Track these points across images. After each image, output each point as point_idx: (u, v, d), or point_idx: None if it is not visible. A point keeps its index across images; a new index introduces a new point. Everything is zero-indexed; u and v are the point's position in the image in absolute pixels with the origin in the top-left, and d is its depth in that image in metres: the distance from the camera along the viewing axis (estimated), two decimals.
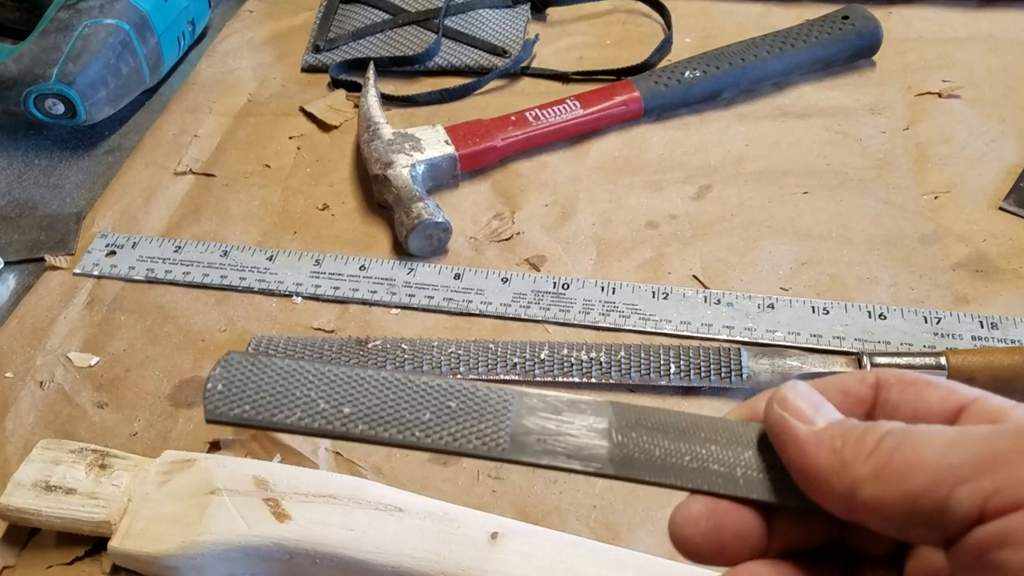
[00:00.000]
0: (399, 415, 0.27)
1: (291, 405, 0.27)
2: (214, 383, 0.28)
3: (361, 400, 0.28)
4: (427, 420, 0.27)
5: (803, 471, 0.25)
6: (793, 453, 0.25)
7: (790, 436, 0.25)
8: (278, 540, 0.40)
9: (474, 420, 0.27)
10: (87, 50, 0.65)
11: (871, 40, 0.71)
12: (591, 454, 0.27)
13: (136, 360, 0.53)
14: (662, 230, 0.60)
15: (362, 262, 0.59)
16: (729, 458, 0.27)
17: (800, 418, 0.25)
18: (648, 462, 0.27)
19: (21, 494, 0.43)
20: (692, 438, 0.27)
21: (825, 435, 0.24)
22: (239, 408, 0.27)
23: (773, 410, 0.26)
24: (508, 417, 0.27)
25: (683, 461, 0.27)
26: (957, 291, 0.55)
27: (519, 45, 0.75)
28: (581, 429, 0.27)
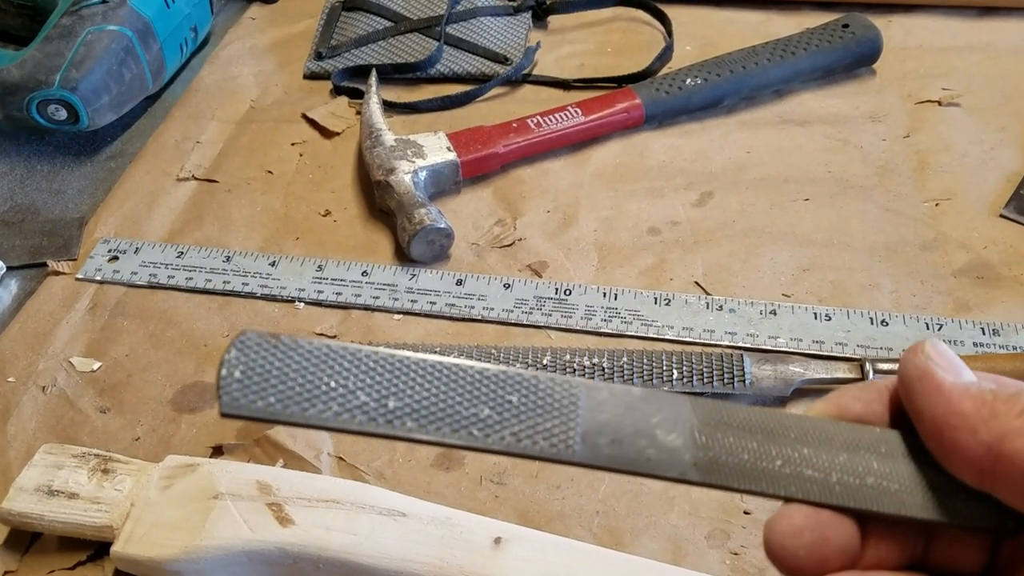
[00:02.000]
0: (453, 410, 0.24)
1: (324, 397, 0.23)
2: (230, 369, 0.23)
3: (407, 392, 0.24)
4: (486, 417, 0.24)
5: (945, 418, 0.23)
6: (935, 400, 0.24)
7: (934, 383, 0.24)
8: (281, 545, 0.40)
9: (539, 417, 0.24)
10: (90, 56, 0.65)
11: (871, 48, 0.71)
12: (672, 458, 0.24)
13: (138, 365, 0.53)
14: (664, 236, 0.60)
15: (364, 268, 0.59)
16: (823, 462, 0.25)
17: (946, 369, 0.24)
18: (736, 467, 0.24)
19: (23, 499, 0.43)
20: (781, 439, 0.25)
21: (973, 387, 0.23)
22: (262, 400, 0.23)
23: (916, 358, 0.25)
24: (577, 414, 0.24)
25: (775, 465, 0.25)
26: (958, 298, 0.55)
27: (520, 52, 0.75)
28: (658, 428, 0.24)
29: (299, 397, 0.23)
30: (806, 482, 0.24)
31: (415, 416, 0.24)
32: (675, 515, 0.45)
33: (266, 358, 0.23)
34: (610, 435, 0.24)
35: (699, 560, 0.43)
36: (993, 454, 0.22)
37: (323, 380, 0.23)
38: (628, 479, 0.47)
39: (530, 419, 0.24)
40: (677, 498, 0.46)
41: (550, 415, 0.24)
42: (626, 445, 0.24)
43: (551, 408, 0.24)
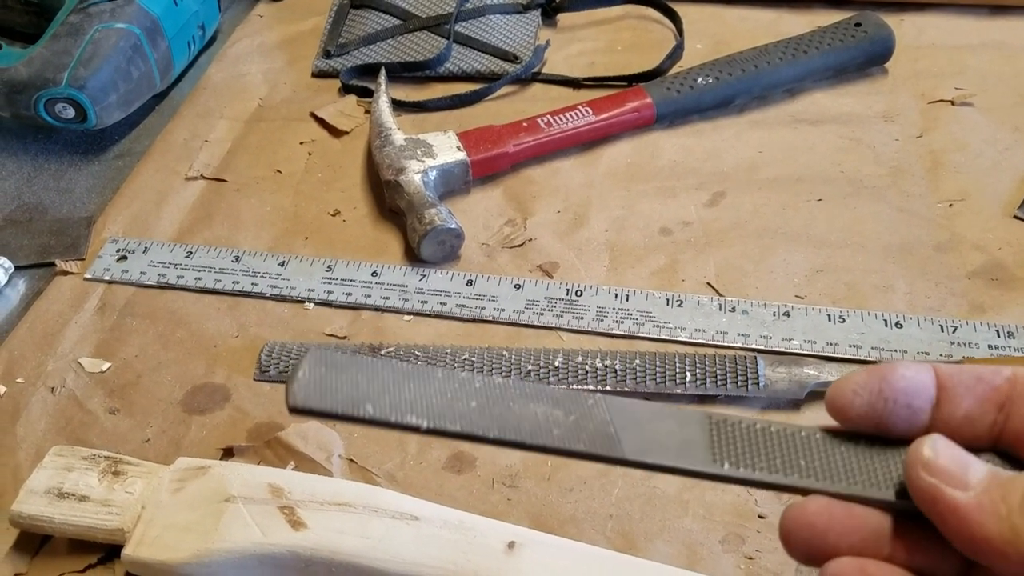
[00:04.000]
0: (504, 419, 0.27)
1: (379, 401, 0.26)
2: (304, 371, 0.27)
3: (455, 401, 0.27)
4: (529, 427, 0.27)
5: (971, 543, 0.23)
6: (955, 524, 0.23)
7: (947, 506, 0.23)
8: (293, 548, 0.40)
9: (582, 424, 0.27)
10: (98, 54, 0.65)
11: (884, 47, 0.71)
12: (698, 454, 0.27)
13: (148, 366, 0.53)
14: (675, 237, 0.60)
15: (374, 268, 0.58)
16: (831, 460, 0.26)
17: (952, 483, 0.24)
18: (757, 460, 0.27)
19: (33, 501, 0.43)
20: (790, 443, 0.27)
21: (985, 500, 0.23)
22: (330, 399, 0.26)
23: (920, 477, 0.24)
24: (609, 422, 0.27)
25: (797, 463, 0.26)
26: (973, 299, 0.55)
27: (530, 51, 0.75)
28: (677, 433, 0.27)
29: (359, 396, 0.26)
30: (831, 476, 0.26)
31: (466, 418, 0.27)
32: (689, 519, 0.45)
33: (331, 366, 0.27)
34: (638, 438, 0.27)
35: (714, 564, 0.43)
36: None
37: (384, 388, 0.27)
38: (641, 483, 0.46)
39: (575, 427, 0.27)
40: (691, 502, 0.45)
41: (590, 423, 0.27)
42: (656, 445, 0.27)
43: (589, 418, 0.27)
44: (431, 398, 0.27)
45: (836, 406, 0.26)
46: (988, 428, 0.26)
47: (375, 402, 0.26)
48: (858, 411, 0.26)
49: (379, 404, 0.26)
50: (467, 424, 0.26)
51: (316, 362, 0.27)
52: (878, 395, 0.26)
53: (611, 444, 0.27)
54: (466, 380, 0.27)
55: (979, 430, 0.26)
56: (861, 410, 0.26)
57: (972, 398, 0.26)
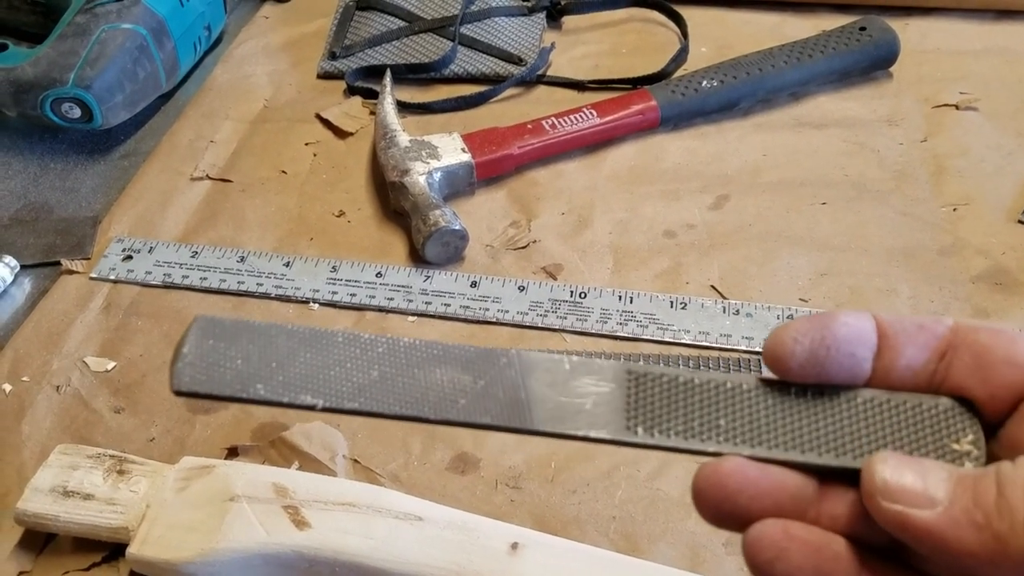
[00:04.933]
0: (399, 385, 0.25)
1: (270, 378, 0.25)
2: (189, 346, 0.25)
3: (354, 371, 0.25)
4: (433, 398, 0.25)
5: (957, 560, 0.21)
6: (932, 546, 0.22)
7: (919, 530, 0.22)
8: (298, 548, 0.40)
9: (491, 392, 0.25)
10: (104, 55, 0.65)
11: (888, 51, 0.71)
12: (612, 421, 0.25)
13: (153, 365, 0.53)
14: (679, 239, 0.60)
15: (379, 269, 0.59)
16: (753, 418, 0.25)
17: (917, 503, 0.22)
18: (673, 424, 0.25)
19: (38, 499, 0.43)
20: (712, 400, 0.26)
21: (957, 512, 0.21)
22: (217, 379, 0.25)
23: (882, 507, 0.22)
24: (520, 386, 0.25)
25: (716, 424, 0.25)
26: (976, 304, 0.55)
27: (535, 53, 0.75)
28: (592, 395, 0.25)
29: (249, 374, 0.25)
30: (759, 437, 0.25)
31: (364, 395, 0.25)
32: (692, 521, 0.45)
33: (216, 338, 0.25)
34: (550, 402, 0.25)
35: (717, 567, 0.43)
36: None
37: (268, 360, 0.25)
38: (644, 485, 0.46)
39: (485, 394, 0.25)
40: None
41: (499, 387, 0.25)
42: (566, 410, 0.25)
43: (498, 380, 0.25)
44: (329, 369, 0.25)
45: (775, 355, 0.25)
46: (929, 377, 0.25)
47: (266, 380, 0.25)
48: (799, 360, 0.24)
49: (271, 382, 0.25)
50: (366, 400, 0.25)
51: (202, 334, 0.25)
52: (820, 343, 0.24)
53: (520, 413, 0.25)
54: (368, 344, 0.26)
55: (920, 379, 0.25)
56: (802, 358, 0.24)
57: (914, 347, 0.25)
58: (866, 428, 0.25)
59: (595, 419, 0.25)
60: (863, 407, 0.25)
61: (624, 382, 0.26)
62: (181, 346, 0.25)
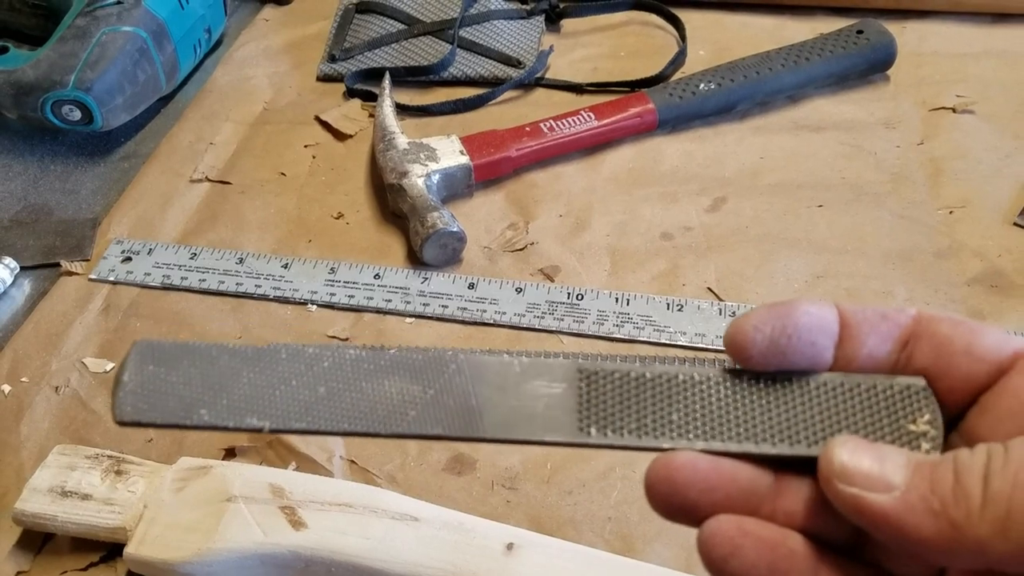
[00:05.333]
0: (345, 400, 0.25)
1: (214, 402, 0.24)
2: (129, 373, 0.24)
3: (301, 388, 0.25)
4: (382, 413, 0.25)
5: (911, 546, 0.21)
6: (887, 531, 0.21)
7: (875, 514, 0.21)
8: (294, 548, 0.40)
9: (440, 400, 0.25)
10: (104, 57, 0.65)
11: (886, 54, 0.71)
12: (565, 424, 0.25)
13: None
14: (677, 242, 0.60)
15: (377, 271, 0.59)
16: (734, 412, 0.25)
17: (873, 487, 0.22)
18: (627, 423, 0.25)
19: (37, 499, 0.43)
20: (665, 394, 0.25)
21: (914, 498, 0.21)
22: (160, 407, 0.24)
23: (839, 490, 0.22)
24: (471, 393, 0.25)
25: (669, 419, 0.25)
26: (973, 306, 0.55)
27: (533, 56, 0.75)
28: (544, 397, 0.25)
29: (192, 399, 0.24)
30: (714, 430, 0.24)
31: (311, 415, 0.24)
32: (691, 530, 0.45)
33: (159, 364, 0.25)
34: (501, 408, 0.25)
35: None
36: (982, 563, 0.20)
37: (210, 384, 0.25)
38: (640, 486, 0.46)
39: (435, 403, 0.25)
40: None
41: (450, 397, 0.25)
42: (519, 415, 0.25)
43: (448, 390, 0.25)
44: (274, 389, 0.25)
45: (736, 343, 0.24)
46: (891, 367, 0.25)
47: (210, 404, 0.24)
48: (759, 348, 0.24)
49: (215, 406, 0.24)
50: (313, 420, 0.24)
51: (142, 359, 0.24)
52: (780, 331, 0.24)
53: (471, 421, 0.25)
54: (313, 359, 0.25)
55: (882, 368, 0.25)
56: (762, 346, 0.24)
57: (876, 336, 0.25)
58: (821, 414, 0.25)
59: (548, 423, 0.25)
60: (818, 392, 0.25)
61: (575, 381, 0.25)
62: (121, 374, 0.24)
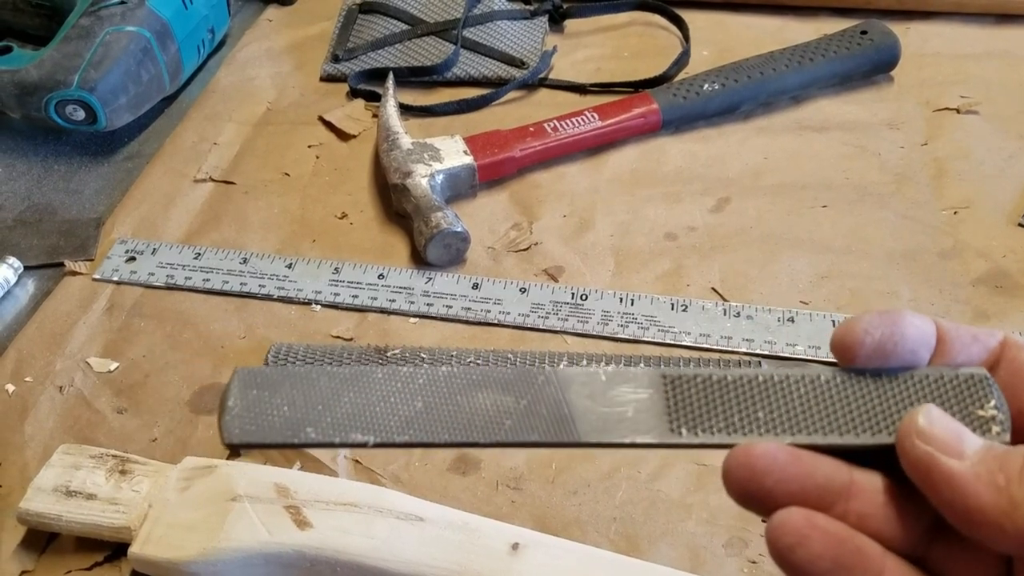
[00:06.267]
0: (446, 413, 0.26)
1: (319, 421, 0.25)
2: (234, 399, 0.26)
3: (399, 405, 0.26)
4: (480, 423, 0.26)
5: (965, 513, 0.22)
6: (949, 494, 0.23)
7: (942, 475, 0.23)
8: (299, 548, 0.40)
9: (534, 410, 0.26)
10: (108, 57, 0.65)
11: (889, 55, 0.71)
12: (654, 425, 0.26)
13: (156, 366, 0.53)
14: (680, 242, 0.60)
15: (381, 271, 0.59)
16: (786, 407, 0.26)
17: (947, 451, 0.23)
18: (714, 422, 0.26)
19: (41, 499, 0.43)
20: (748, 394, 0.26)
21: (982, 470, 0.22)
22: (267, 429, 0.25)
23: (915, 446, 0.24)
24: (562, 401, 0.26)
25: (755, 416, 0.26)
26: (977, 307, 0.55)
27: (537, 57, 0.75)
28: (632, 403, 0.26)
29: (298, 420, 0.25)
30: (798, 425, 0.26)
31: (415, 427, 0.26)
32: (692, 523, 0.45)
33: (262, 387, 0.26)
34: (591, 413, 0.26)
35: (717, 568, 0.43)
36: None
37: (314, 403, 0.26)
38: (644, 487, 0.46)
39: (527, 414, 0.26)
40: (695, 505, 0.45)
41: (542, 405, 0.26)
42: (610, 420, 0.26)
43: (540, 399, 0.26)
44: (374, 406, 0.26)
45: (845, 343, 0.26)
46: None
47: (316, 423, 0.25)
48: (866, 350, 0.26)
49: (320, 425, 0.25)
50: (415, 433, 0.26)
51: (246, 385, 0.26)
52: (888, 337, 0.25)
53: (566, 428, 0.26)
54: (408, 377, 0.26)
55: None
56: (869, 349, 0.25)
57: (966, 355, 0.26)
58: (897, 404, 0.26)
59: (639, 425, 0.26)
60: (891, 385, 0.26)
61: (660, 386, 0.27)
62: (225, 400, 0.26)
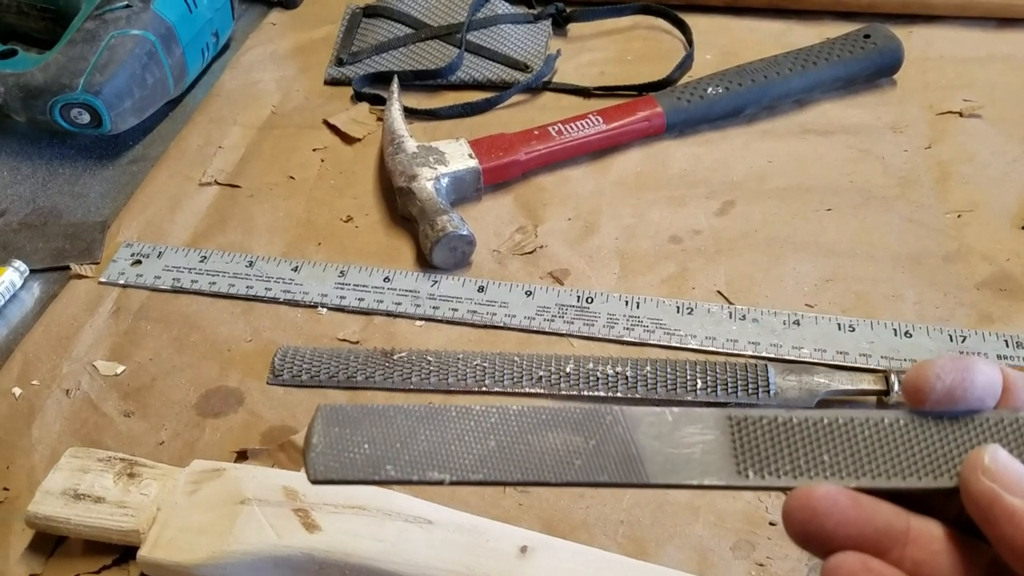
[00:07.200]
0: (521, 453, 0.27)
1: (397, 458, 0.27)
2: (318, 436, 0.27)
3: (473, 443, 0.27)
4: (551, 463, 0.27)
5: (1020, 555, 0.23)
6: (1010, 531, 0.23)
7: (1004, 511, 0.24)
8: (308, 551, 0.40)
9: (603, 450, 0.27)
10: (113, 60, 0.65)
11: (892, 59, 0.71)
12: (722, 466, 0.26)
13: (162, 369, 0.54)
14: (685, 245, 0.60)
15: (386, 274, 0.59)
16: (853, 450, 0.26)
17: (1010, 489, 0.24)
18: (779, 464, 0.26)
19: (50, 502, 0.43)
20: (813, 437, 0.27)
21: None
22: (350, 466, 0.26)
23: (979, 481, 0.24)
24: (630, 441, 0.27)
25: (820, 458, 0.26)
26: (982, 310, 0.55)
27: (541, 60, 0.75)
28: (698, 444, 0.27)
29: (378, 457, 0.26)
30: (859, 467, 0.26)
31: (487, 463, 0.27)
32: (700, 525, 0.45)
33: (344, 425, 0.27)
34: (658, 454, 0.27)
35: (724, 571, 0.43)
36: None
37: (396, 442, 0.27)
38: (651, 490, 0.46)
39: (596, 455, 0.27)
40: (702, 508, 0.46)
41: (610, 445, 0.27)
42: (677, 461, 0.26)
43: (608, 439, 0.27)
44: (449, 444, 0.27)
45: (916, 386, 0.26)
46: None
47: (394, 460, 0.26)
48: (937, 395, 0.26)
49: (398, 462, 0.26)
50: (489, 472, 0.26)
51: (328, 422, 0.27)
52: (959, 383, 0.26)
53: (634, 469, 0.27)
54: (481, 415, 0.27)
55: None
56: (940, 394, 0.26)
57: None
58: (958, 447, 0.26)
59: (706, 467, 0.26)
60: (953, 428, 0.27)
61: (727, 428, 0.27)
62: (310, 436, 0.27)
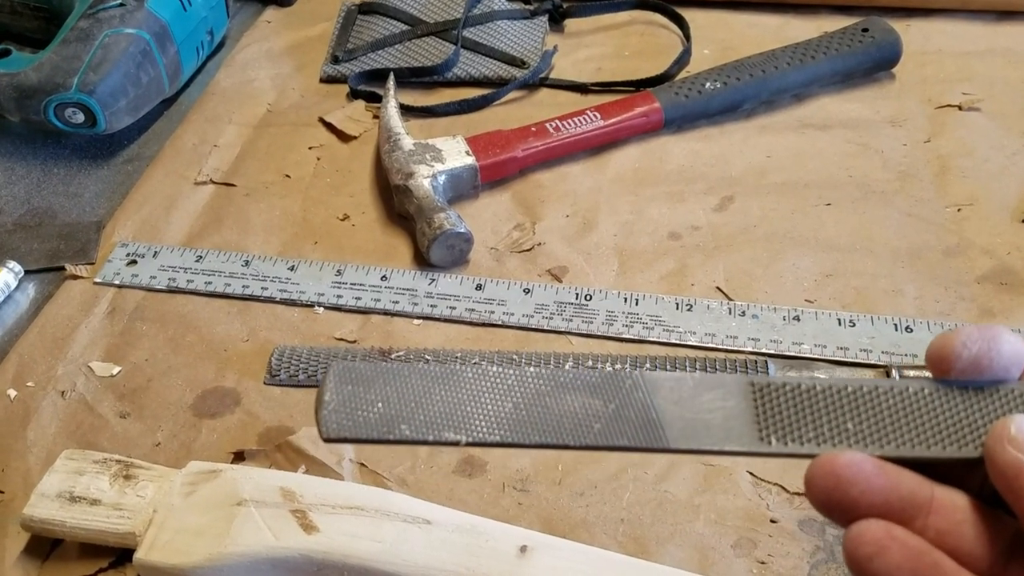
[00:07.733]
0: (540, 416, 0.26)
1: (412, 418, 0.26)
2: (330, 393, 0.26)
3: (489, 404, 0.26)
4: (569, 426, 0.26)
5: None
6: None
7: None
8: (306, 552, 0.40)
9: (622, 414, 0.26)
10: (107, 59, 0.65)
11: (891, 52, 0.71)
12: (743, 433, 0.26)
13: (158, 370, 0.53)
14: (684, 241, 0.60)
15: (383, 272, 0.58)
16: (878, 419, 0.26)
17: None
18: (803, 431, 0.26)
19: (45, 505, 0.43)
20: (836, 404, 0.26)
21: None
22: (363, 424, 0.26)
23: (1005, 451, 0.24)
24: (650, 406, 0.26)
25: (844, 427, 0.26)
26: (982, 304, 0.55)
27: (537, 56, 0.75)
28: (721, 408, 0.26)
29: (392, 416, 0.26)
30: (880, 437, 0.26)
31: (504, 425, 0.26)
32: (701, 523, 0.45)
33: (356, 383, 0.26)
34: (679, 420, 0.26)
35: (726, 569, 0.43)
36: None
37: (407, 401, 0.26)
38: (652, 488, 0.46)
39: (616, 418, 0.26)
40: (703, 506, 0.45)
41: (630, 409, 0.26)
42: (697, 426, 0.26)
43: (629, 403, 0.26)
44: (465, 405, 0.26)
45: (942, 355, 0.26)
46: None
47: (409, 420, 0.26)
48: (963, 363, 0.26)
49: (413, 422, 0.26)
50: (506, 433, 0.26)
51: (341, 380, 0.26)
52: (985, 352, 0.26)
53: (655, 433, 0.26)
54: (497, 377, 0.27)
55: None
56: (966, 363, 0.26)
57: None
58: (984, 418, 0.26)
59: (728, 433, 0.26)
60: (979, 399, 0.26)
61: (749, 395, 0.27)
62: (322, 394, 0.26)
